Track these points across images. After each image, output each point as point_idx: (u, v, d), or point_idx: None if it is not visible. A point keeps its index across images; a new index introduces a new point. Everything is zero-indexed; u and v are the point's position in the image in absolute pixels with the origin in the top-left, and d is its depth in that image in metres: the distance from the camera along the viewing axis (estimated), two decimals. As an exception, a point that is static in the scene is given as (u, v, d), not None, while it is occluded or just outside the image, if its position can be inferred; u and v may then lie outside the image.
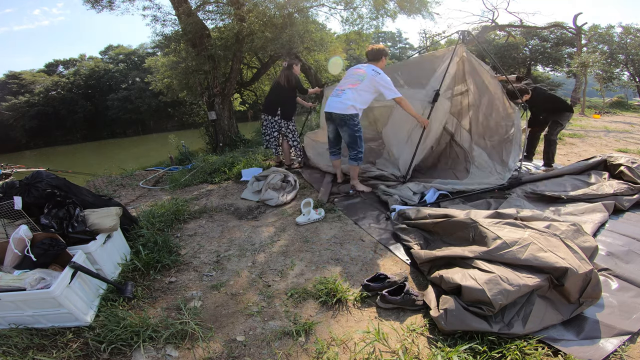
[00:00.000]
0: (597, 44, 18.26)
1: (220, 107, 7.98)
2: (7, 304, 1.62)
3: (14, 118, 26.55)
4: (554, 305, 1.55)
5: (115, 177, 5.34)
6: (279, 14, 6.84)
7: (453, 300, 1.55)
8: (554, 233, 1.82)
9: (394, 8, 8.81)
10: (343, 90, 3.14)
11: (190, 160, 6.64)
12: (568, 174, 3.18)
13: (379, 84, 3.04)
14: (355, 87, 3.09)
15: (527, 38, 21.62)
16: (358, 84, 3.09)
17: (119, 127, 30.40)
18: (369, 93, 3.11)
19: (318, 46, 9.17)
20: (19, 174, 8.53)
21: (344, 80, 3.25)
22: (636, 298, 1.64)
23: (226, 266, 2.25)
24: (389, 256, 2.23)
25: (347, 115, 3.09)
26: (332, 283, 1.87)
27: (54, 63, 32.14)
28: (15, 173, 8.54)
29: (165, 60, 10.21)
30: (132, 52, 32.37)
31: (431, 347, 1.45)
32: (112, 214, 2.17)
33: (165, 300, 1.92)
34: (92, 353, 1.53)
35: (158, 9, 7.83)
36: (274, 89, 4.29)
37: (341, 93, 3.14)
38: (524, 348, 1.37)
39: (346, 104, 3.07)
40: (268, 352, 1.50)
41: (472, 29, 17.50)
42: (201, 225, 2.94)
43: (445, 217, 2.19)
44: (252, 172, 4.22)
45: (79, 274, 1.74)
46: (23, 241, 1.76)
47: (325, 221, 2.81)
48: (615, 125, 8.50)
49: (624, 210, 2.60)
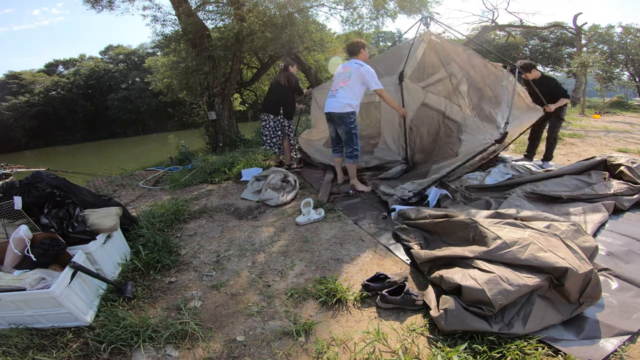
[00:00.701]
0: (597, 44, 18.26)
1: (220, 107, 7.97)
2: (7, 304, 1.62)
3: (14, 118, 26.55)
4: (554, 305, 1.55)
5: (115, 177, 5.34)
6: (279, 14, 6.83)
7: (453, 300, 1.55)
8: (554, 233, 1.82)
9: (394, 8, 8.81)
10: (337, 90, 3.31)
11: (190, 160, 6.64)
12: (568, 174, 3.18)
13: (363, 74, 3.20)
14: (345, 84, 3.26)
15: (527, 38, 21.60)
16: (347, 81, 3.25)
17: (119, 127, 30.40)
18: (359, 85, 3.26)
19: (318, 46, 9.18)
20: (19, 174, 8.53)
21: (335, 82, 3.41)
22: (636, 298, 1.64)
23: (226, 266, 2.25)
24: (389, 256, 2.23)
25: (344, 113, 3.26)
26: (332, 283, 1.87)
27: (54, 63, 32.14)
28: (15, 173, 8.53)
29: (165, 60, 10.20)
30: (132, 52, 32.38)
31: (431, 347, 1.45)
32: (112, 214, 2.17)
33: (165, 300, 1.92)
34: (92, 353, 1.53)
35: (158, 9, 7.82)
36: (274, 88, 4.38)
37: (335, 93, 3.31)
38: (524, 348, 1.37)
39: (342, 103, 3.24)
40: (268, 352, 1.50)
41: (472, 29, 17.53)
42: (201, 225, 2.94)
43: (445, 217, 2.19)
44: (252, 172, 4.23)
45: (79, 274, 1.74)
46: (23, 241, 1.76)
47: (325, 221, 2.81)
48: (615, 125, 8.50)
49: (624, 210, 2.60)
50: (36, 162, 16.27)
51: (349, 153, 3.37)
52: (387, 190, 3.16)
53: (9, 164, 9.68)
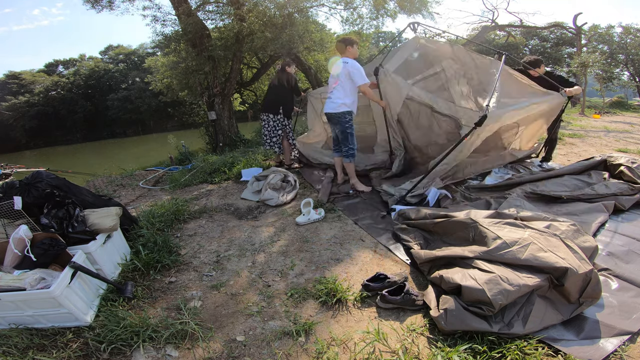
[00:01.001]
0: (597, 44, 18.26)
1: (220, 107, 7.97)
2: (7, 304, 1.62)
3: (14, 118, 26.55)
4: (554, 305, 1.55)
5: (115, 177, 5.34)
6: (279, 14, 6.83)
7: (453, 300, 1.55)
8: (554, 233, 1.82)
9: (394, 8, 8.82)
10: (332, 92, 3.37)
11: (190, 160, 6.64)
12: (568, 174, 3.18)
13: (349, 71, 3.21)
14: (337, 84, 3.31)
15: (527, 38, 21.60)
16: (338, 81, 3.30)
17: (119, 127, 30.40)
18: (349, 83, 3.28)
19: (318, 46, 9.18)
20: (19, 174, 8.53)
21: (330, 84, 3.47)
22: (636, 298, 1.64)
23: (226, 266, 2.25)
24: (389, 256, 2.23)
25: (339, 113, 3.31)
26: (332, 283, 1.87)
27: (54, 63, 32.14)
28: (15, 173, 8.54)
29: (165, 60, 10.20)
30: (132, 52, 32.38)
31: (431, 347, 1.45)
32: (112, 214, 2.17)
33: (165, 300, 1.92)
34: (92, 353, 1.53)
35: (158, 9, 7.83)
36: (272, 88, 4.41)
37: (331, 94, 3.38)
38: (524, 348, 1.37)
39: (337, 103, 3.31)
40: (268, 352, 1.50)
41: (472, 29, 17.53)
42: (201, 225, 2.94)
43: (445, 217, 2.19)
44: (252, 172, 4.23)
45: (79, 274, 1.74)
46: (23, 241, 1.76)
47: (325, 221, 2.81)
48: (615, 125, 8.49)
49: (624, 210, 2.60)
50: (36, 162, 16.27)
51: (345, 152, 3.42)
52: (388, 190, 3.17)
53: (9, 164, 9.68)
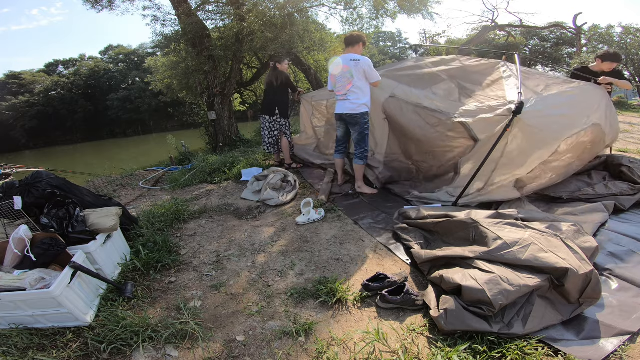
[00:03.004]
0: (597, 44, 18.27)
1: (220, 107, 7.97)
2: (7, 304, 1.62)
3: (14, 118, 26.57)
4: (554, 306, 1.55)
5: (115, 177, 5.35)
6: (279, 14, 6.83)
7: (453, 300, 1.55)
8: (555, 233, 1.82)
9: (394, 8, 8.80)
10: (346, 95, 3.23)
11: (190, 160, 6.64)
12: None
13: (365, 70, 3.14)
14: (351, 85, 3.19)
15: (527, 38, 21.62)
16: (352, 81, 3.17)
17: (119, 127, 30.45)
18: (363, 82, 3.21)
19: (318, 46, 9.16)
20: (19, 174, 8.54)
21: (338, 85, 3.30)
22: (636, 298, 1.64)
23: (226, 266, 2.25)
24: (389, 256, 2.23)
25: (359, 114, 3.23)
26: (332, 283, 1.87)
27: (54, 63, 32.16)
28: (15, 173, 8.55)
29: (165, 60, 10.19)
30: (132, 52, 32.40)
31: (431, 347, 1.45)
32: (112, 214, 2.17)
33: (165, 300, 1.92)
34: (92, 353, 1.53)
35: (158, 9, 7.81)
36: (267, 90, 4.42)
37: (347, 96, 3.23)
38: (524, 348, 1.37)
39: (356, 103, 3.21)
40: (268, 352, 1.50)
41: (472, 29, 17.55)
42: (201, 225, 2.94)
43: (445, 217, 2.19)
44: (252, 172, 4.23)
45: (79, 274, 1.74)
46: (23, 241, 1.76)
47: (325, 221, 2.81)
48: (615, 125, 8.49)
49: (624, 210, 2.60)
50: (36, 162, 16.28)
51: (359, 154, 3.32)
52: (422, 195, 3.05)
53: (9, 164, 9.69)
